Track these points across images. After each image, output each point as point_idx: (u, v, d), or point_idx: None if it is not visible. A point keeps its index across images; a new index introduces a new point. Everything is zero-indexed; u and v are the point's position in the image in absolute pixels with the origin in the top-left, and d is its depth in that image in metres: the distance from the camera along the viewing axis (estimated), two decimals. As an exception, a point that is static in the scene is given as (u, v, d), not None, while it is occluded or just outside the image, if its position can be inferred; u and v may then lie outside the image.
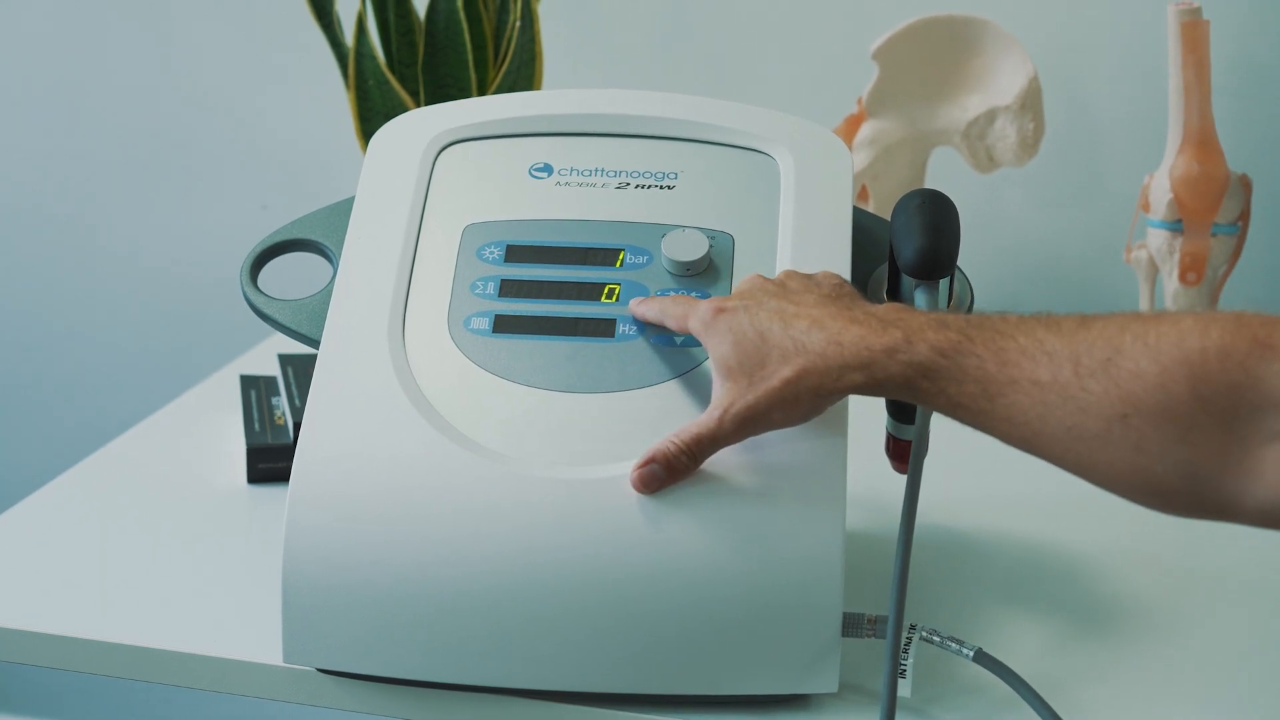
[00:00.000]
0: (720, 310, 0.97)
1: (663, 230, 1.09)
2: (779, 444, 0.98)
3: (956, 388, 0.89)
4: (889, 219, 1.08)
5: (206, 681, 1.07)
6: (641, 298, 1.06)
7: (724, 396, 0.96)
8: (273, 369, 1.56)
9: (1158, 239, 1.60)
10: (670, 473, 0.96)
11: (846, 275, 1.07)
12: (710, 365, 0.99)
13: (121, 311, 2.18)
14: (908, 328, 0.92)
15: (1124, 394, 0.83)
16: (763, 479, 0.97)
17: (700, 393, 1.01)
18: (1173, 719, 1.03)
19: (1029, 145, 1.60)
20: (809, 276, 1.01)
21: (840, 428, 1.00)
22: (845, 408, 1.00)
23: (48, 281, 2.20)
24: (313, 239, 1.15)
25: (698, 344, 1.03)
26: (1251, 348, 0.81)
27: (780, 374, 0.94)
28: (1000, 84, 1.59)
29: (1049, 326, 0.88)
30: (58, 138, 2.13)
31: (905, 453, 1.08)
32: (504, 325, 1.05)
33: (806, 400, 0.94)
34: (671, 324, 1.02)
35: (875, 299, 1.09)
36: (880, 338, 0.91)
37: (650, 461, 0.96)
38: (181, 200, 2.11)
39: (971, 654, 1.01)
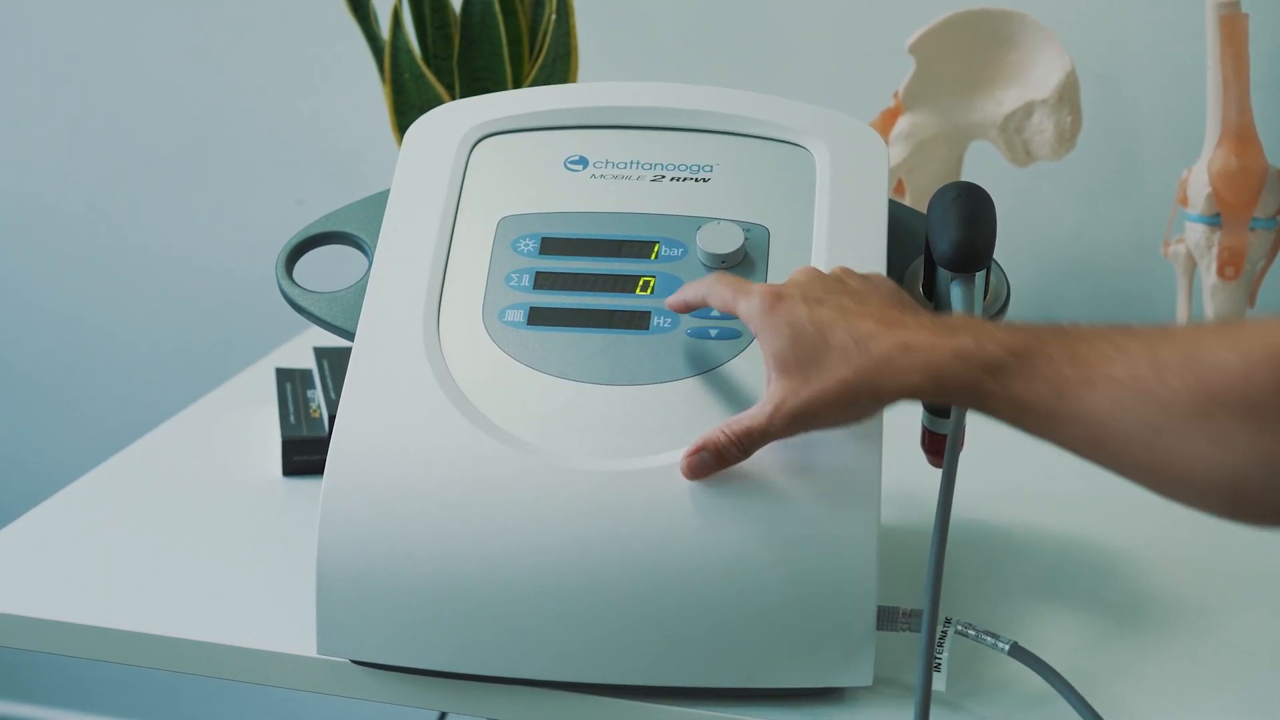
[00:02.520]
0: (778, 298, 0.95)
1: (698, 223, 1.09)
2: (815, 438, 0.98)
3: (1025, 387, 0.87)
4: (925, 213, 1.08)
5: (241, 673, 1.07)
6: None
7: (777, 391, 0.94)
8: (308, 362, 1.56)
9: (1196, 233, 1.59)
10: (719, 462, 0.96)
11: (882, 268, 1.06)
12: (752, 346, 0.98)
13: (158, 306, 2.19)
14: (976, 331, 0.90)
15: (1206, 388, 0.82)
16: (798, 473, 0.97)
17: (735, 386, 1.01)
18: (1208, 715, 1.02)
19: (1066, 139, 1.59)
20: (866, 276, 1.00)
21: (875, 422, 0.99)
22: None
23: (86, 277, 2.21)
24: (348, 232, 1.15)
25: (734, 335, 1.03)
26: None
27: (838, 375, 0.92)
28: (1037, 78, 1.58)
29: (1125, 331, 0.86)
30: (94, 134, 2.14)
31: (941, 447, 1.08)
32: (539, 317, 1.05)
33: (865, 403, 0.93)
34: (715, 302, 1.00)
35: (911, 292, 1.09)
36: (949, 340, 0.90)
37: (700, 450, 0.96)
38: (218, 195, 2.12)
39: (1007, 648, 1.01)
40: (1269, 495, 0.82)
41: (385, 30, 1.50)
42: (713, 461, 0.96)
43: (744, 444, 0.95)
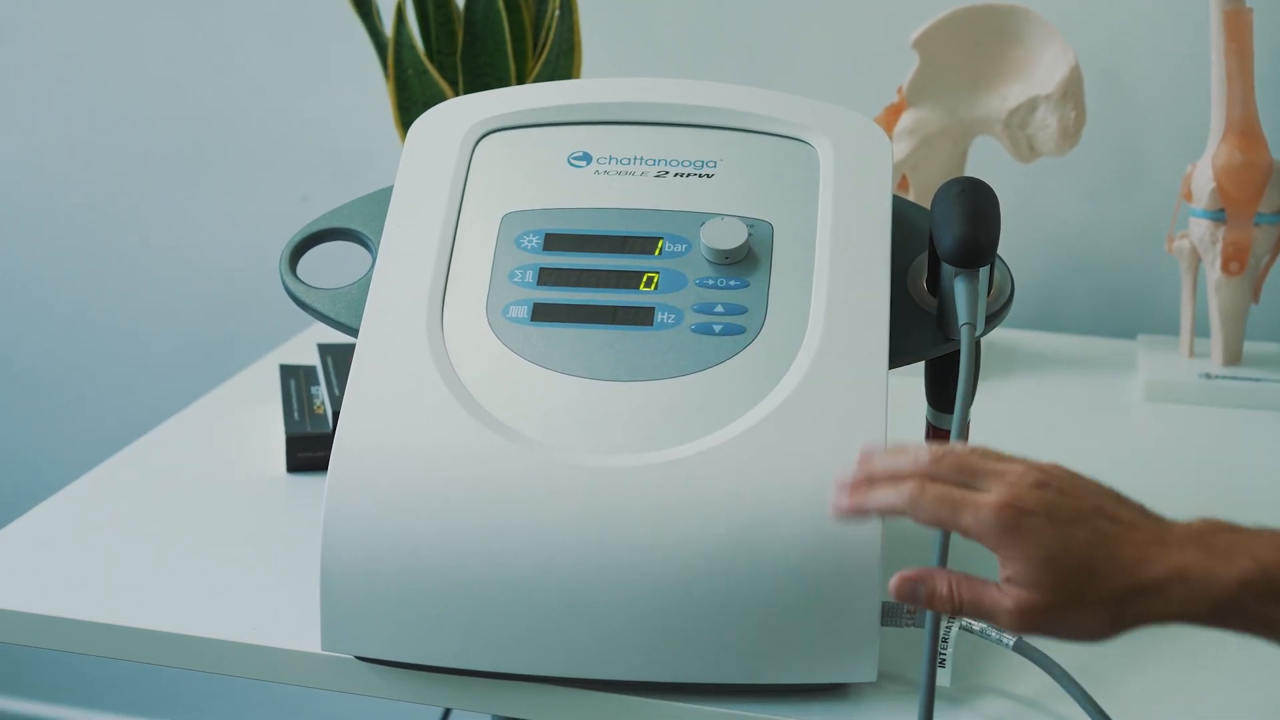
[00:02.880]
0: (1021, 512, 0.85)
1: (702, 218, 1.09)
2: (818, 432, 0.98)
3: None
4: (929, 208, 1.08)
5: (246, 669, 1.07)
6: (846, 485, 0.90)
7: (1026, 599, 0.85)
8: (312, 358, 1.56)
9: (1200, 228, 1.59)
10: (927, 604, 0.88)
11: (886, 264, 1.06)
12: (758, 340, 0.96)
13: (163, 303, 2.19)
14: (1254, 552, 0.84)
15: None
16: (802, 469, 0.97)
17: (740, 382, 1.01)
18: (1212, 710, 1.02)
19: (1070, 134, 1.59)
20: (1060, 469, 0.88)
21: (880, 416, 0.99)
22: (884, 397, 1.00)
23: (90, 274, 2.21)
24: (352, 228, 1.15)
25: (738, 331, 1.03)
26: None
27: (1101, 599, 0.84)
28: (1041, 73, 1.58)
29: None
30: (97, 132, 2.14)
31: (945, 441, 1.08)
32: (542, 313, 1.05)
33: (1130, 628, 0.86)
34: (924, 519, 0.87)
35: (915, 288, 1.09)
36: (1228, 568, 0.83)
37: (918, 581, 0.88)
38: (222, 192, 2.12)
39: (1011, 644, 1.01)
40: None
41: (389, 27, 1.50)
42: (921, 599, 0.88)
43: (963, 611, 0.88)
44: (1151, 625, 0.85)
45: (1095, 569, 0.84)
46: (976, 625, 1.01)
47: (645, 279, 1.07)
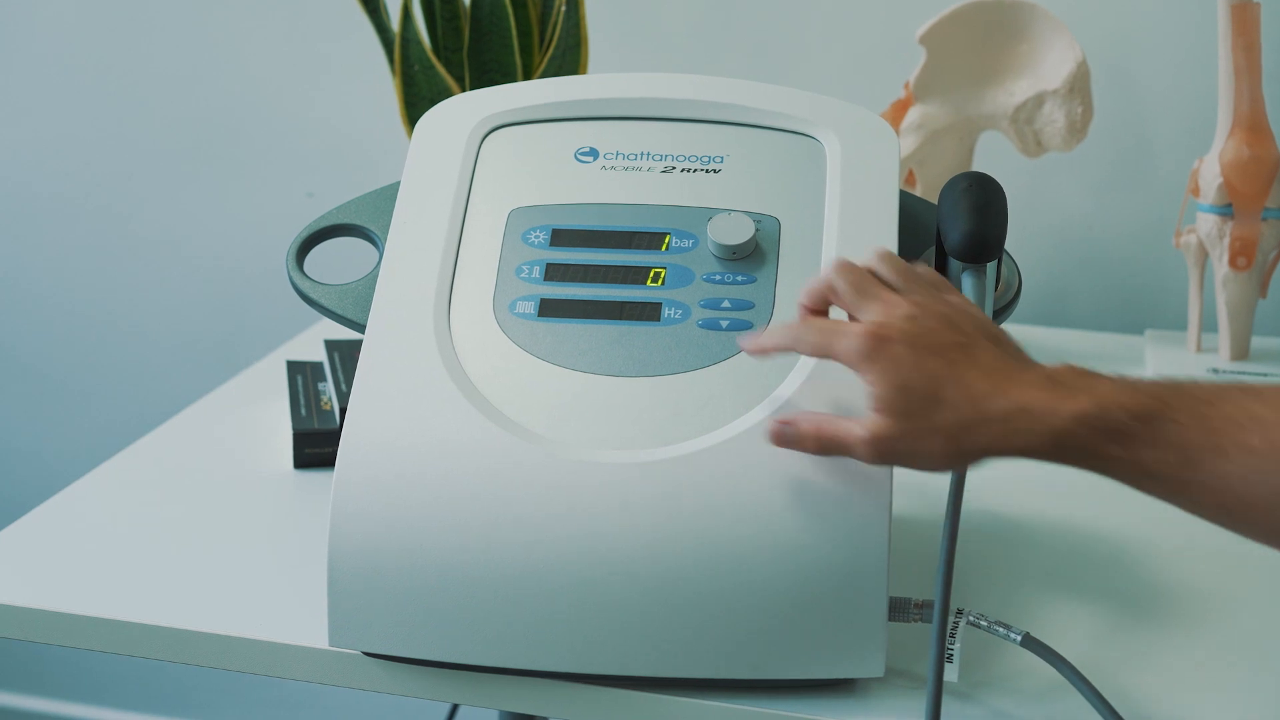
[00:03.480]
0: (881, 339, 0.90)
1: (709, 214, 1.09)
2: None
3: (1152, 455, 0.86)
4: (935, 203, 1.08)
5: (253, 665, 1.07)
6: (751, 333, 1.00)
7: (880, 427, 0.90)
8: (319, 354, 1.56)
9: (1207, 224, 1.59)
10: (798, 444, 0.94)
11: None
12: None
13: (170, 300, 2.20)
14: (1096, 392, 0.87)
15: None
16: (808, 464, 0.97)
17: (747, 377, 1.01)
18: (1220, 705, 1.02)
19: (1077, 130, 1.59)
20: (963, 309, 0.94)
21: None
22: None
23: (97, 272, 2.21)
24: (358, 224, 1.15)
25: (746, 326, 1.03)
26: None
27: (948, 431, 0.88)
28: (1048, 68, 1.58)
29: (1250, 394, 0.86)
30: (103, 128, 2.14)
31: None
32: (549, 309, 1.05)
33: (971, 459, 0.90)
34: (807, 349, 0.94)
35: None
36: (1068, 404, 0.87)
37: (790, 424, 0.94)
38: (228, 189, 2.12)
39: (1019, 639, 1.00)
40: None
41: (395, 22, 1.50)
42: (793, 441, 0.94)
43: (826, 447, 0.93)
44: (995, 457, 0.89)
45: (943, 397, 0.88)
46: (984, 621, 1.01)
47: (652, 274, 1.07)
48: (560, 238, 1.09)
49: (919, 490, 1.21)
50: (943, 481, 0.98)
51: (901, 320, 0.91)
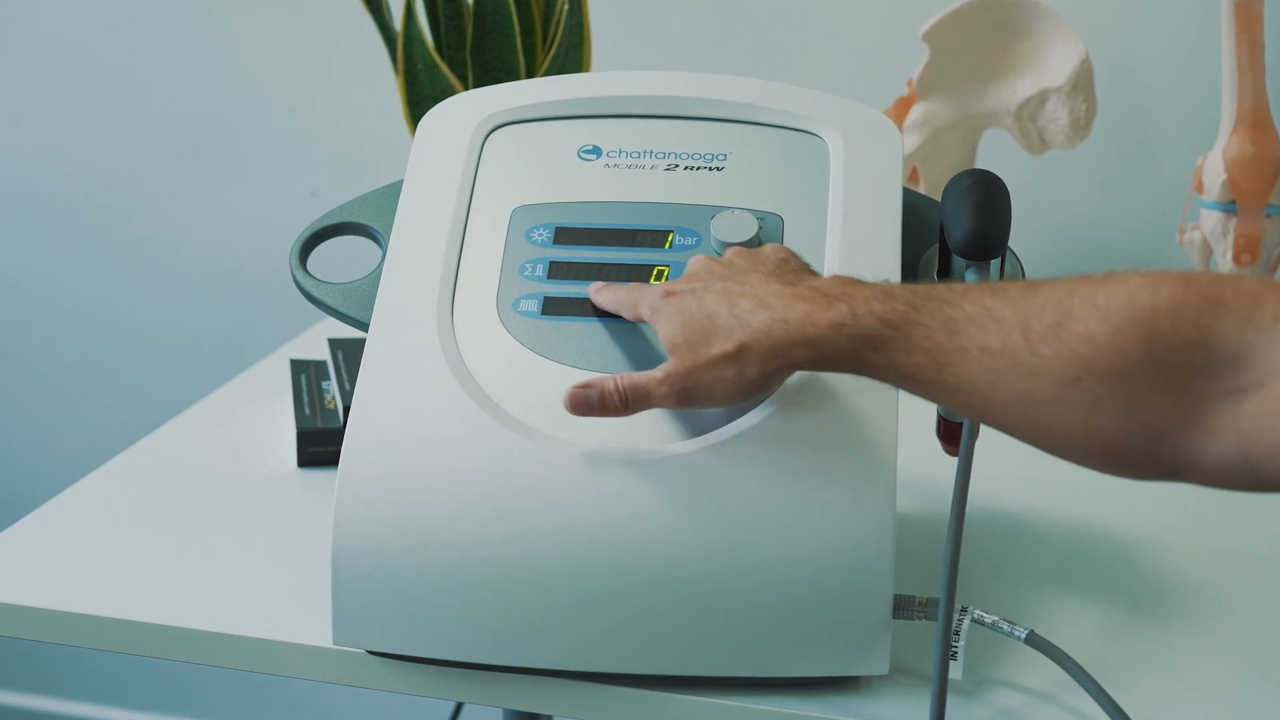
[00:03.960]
0: (669, 294, 0.97)
1: (712, 211, 1.09)
2: (829, 425, 0.98)
3: (905, 358, 0.89)
4: (939, 201, 1.08)
5: (257, 664, 1.07)
6: (599, 284, 1.06)
7: (669, 365, 0.96)
8: (323, 353, 1.56)
9: (1211, 221, 1.58)
10: (600, 406, 0.97)
11: (897, 257, 1.06)
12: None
13: (173, 299, 2.20)
14: (853, 301, 0.91)
15: (1076, 357, 0.82)
16: (813, 462, 0.97)
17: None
18: (1224, 702, 1.02)
19: (1081, 127, 1.58)
20: (754, 253, 1.01)
21: (890, 410, 0.99)
22: (895, 391, 1.00)
23: (100, 271, 2.21)
24: (362, 222, 1.15)
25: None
26: (1203, 304, 0.80)
27: (722, 349, 0.93)
28: (1051, 65, 1.58)
29: (996, 293, 0.87)
30: (104, 127, 2.14)
31: (956, 435, 1.08)
32: (553, 307, 1.05)
33: (751, 375, 0.94)
34: (625, 313, 1.02)
35: (927, 280, 1.09)
36: (826, 312, 0.91)
37: (589, 387, 0.97)
38: (231, 188, 2.12)
39: (1023, 636, 1.00)
40: (1143, 457, 0.83)
41: (398, 21, 1.50)
42: (595, 402, 0.97)
43: (629, 398, 0.97)
44: (772, 374, 0.94)
45: (717, 324, 0.94)
46: (989, 618, 1.01)
47: (655, 272, 1.07)
48: (563, 236, 1.09)
49: (923, 488, 1.21)
50: (947, 480, 0.98)
51: (686, 279, 0.99)
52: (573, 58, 1.53)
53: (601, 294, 1.04)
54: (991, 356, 0.85)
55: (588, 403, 0.97)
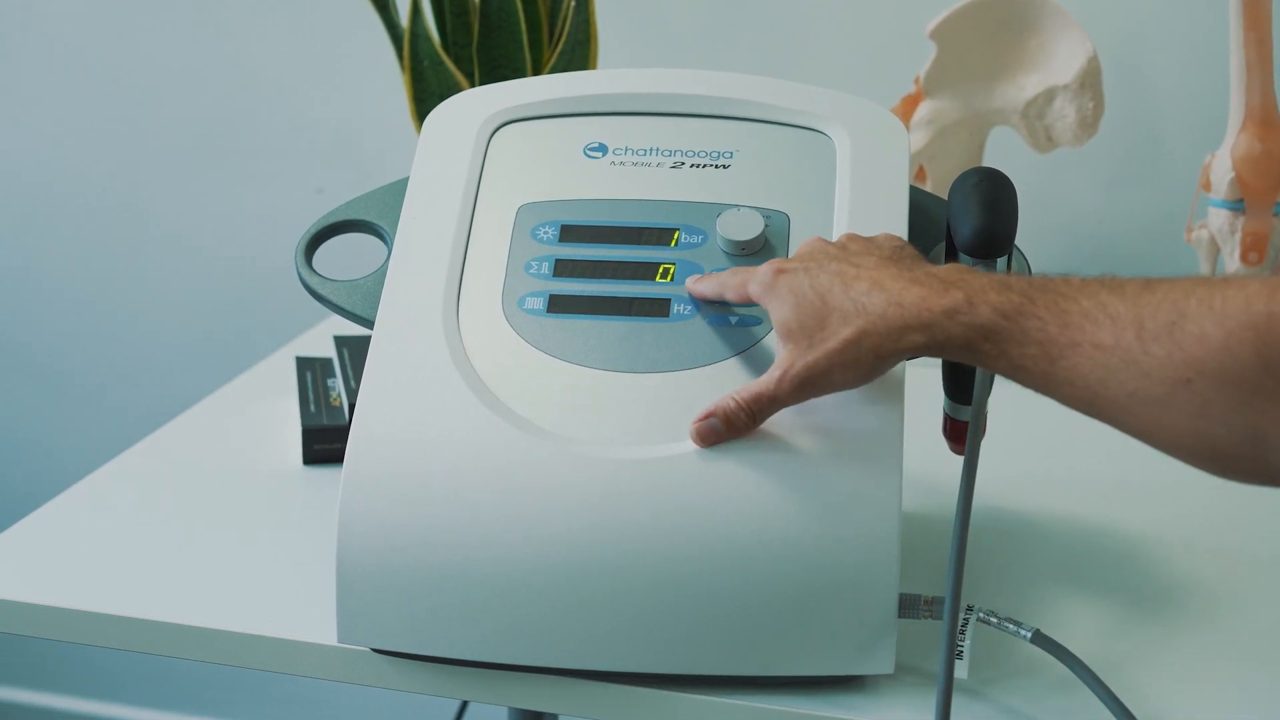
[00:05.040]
0: (780, 271, 0.97)
1: (718, 209, 1.08)
2: (835, 423, 0.98)
3: (1018, 350, 0.89)
4: (946, 199, 1.08)
5: (262, 661, 1.07)
6: (697, 275, 1.05)
7: (784, 357, 0.96)
8: (328, 351, 1.56)
9: (1219, 219, 1.58)
10: (728, 429, 0.97)
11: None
12: (772, 332, 0.99)
13: (179, 296, 2.20)
14: (969, 289, 0.91)
15: (1188, 358, 0.82)
16: (819, 460, 0.97)
17: (756, 372, 1.01)
18: (1230, 701, 1.02)
19: (1088, 124, 1.58)
20: (870, 239, 1.01)
21: (896, 408, 0.99)
22: (901, 389, 1.00)
23: (107, 267, 2.21)
24: (367, 220, 1.15)
25: (755, 323, 1.03)
26: None
27: (840, 334, 0.93)
28: (1059, 63, 1.58)
29: (1112, 289, 0.87)
30: (113, 124, 2.14)
31: (962, 434, 1.08)
32: (558, 305, 1.05)
33: (867, 361, 0.94)
34: (731, 295, 1.02)
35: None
36: (941, 299, 0.91)
37: (710, 415, 0.97)
38: (238, 185, 2.12)
39: (1029, 635, 1.00)
40: (1251, 463, 0.83)
41: (404, 18, 1.50)
42: (721, 428, 0.97)
43: (753, 410, 0.96)
44: (887, 358, 0.94)
45: (832, 305, 0.94)
46: (994, 617, 1.01)
47: (661, 270, 1.06)
48: (569, 233, 1.09)
49: (929, 487, 1.21)
50: (953, 478, 0.98)
51: (798, 258, 0.99)
52: (579, 55, 1.53)
53: (702, 283, 1.04)
54: (1104, 352, 0.85)
55: (714, 432, 0.97)
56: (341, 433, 1.32)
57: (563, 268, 1.07)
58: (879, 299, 0.93)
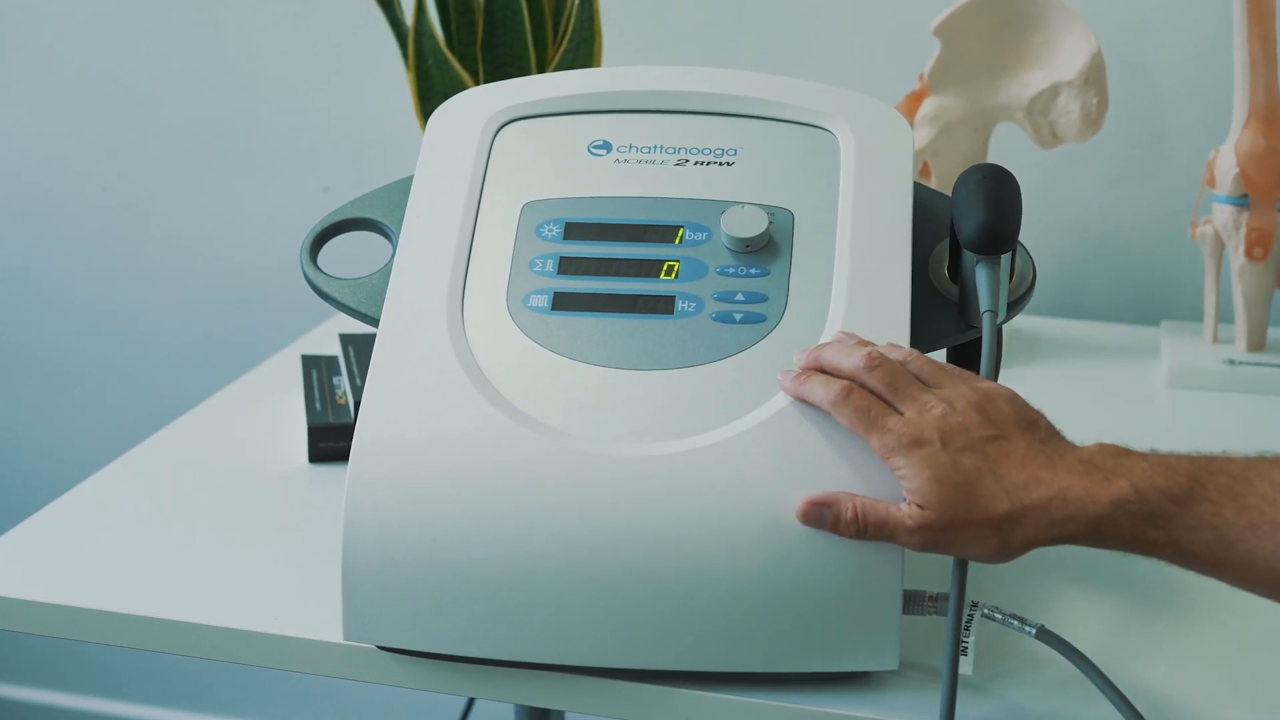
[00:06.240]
0: (915, 442, 0.92)
1: (722, 207, 1.09)
2: (833, 420, 0.97)
3: (1190, 536, 0.87)
4: (950, 195, 1.08)
5: (267, 659, 1.08)
6: (791, 373, 0.99)
7: (924, 518, 0.91)
8: (334, 348, 1.56)
9: (1223, 214, 1.58)
10: (835, 527, 0.94)
11: (907, 252, 1.06)
12: (778, 329, 0.99)
13: (184, 294, 2.20)
14: (1133, 476, 0.89)
15: None
16: (823, 456, 0.97)
17: (761, 370, 1.01)
18: (1235, 696, 1.02)
19: (1092, 121, 1.58)
20: (991, 400, 0.94)
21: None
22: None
23: (112, 266, 2.21)
24: (372, 218, 1.15)
25: (759, 320, 1.03)
26: None
27: (988, 517, 0.90)
28: (1063, 59, 1.58)
29: (1277, 465, 0.86)
30: (118, 123, 2.14)
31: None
32: (563, 303, 1.05)
33: (1016, 546, 0.91)
34: (843, 422, 0.96)
35: (936, 275, 1.08)
36: (1105, 490, 0.89)
37: (824, 505, 0.94)
38: (243, 183, 2.12)
39: (1034, 631, 1.00)
40: None
41: (408, 16, 1.50)
42: (829, 525, 0.94)
43: (867, 530, 0.93)
44: (1039, 546, 0.91)
45: (980, 492, 0.90)
46: (999, 613, 1.01)
47: (666, 267, 1.06)
48: (574, 231, 1.09)
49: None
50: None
51: (935, 419, 0.93)
52: (583, 53, 1.53)
53: (805, 386, 0.97)
54: None
55: (820, 520, 0.94)
56: (347, 431, 1.32)
57: (567, 265, 1.07)
58: (1039, 493, 0.89)
